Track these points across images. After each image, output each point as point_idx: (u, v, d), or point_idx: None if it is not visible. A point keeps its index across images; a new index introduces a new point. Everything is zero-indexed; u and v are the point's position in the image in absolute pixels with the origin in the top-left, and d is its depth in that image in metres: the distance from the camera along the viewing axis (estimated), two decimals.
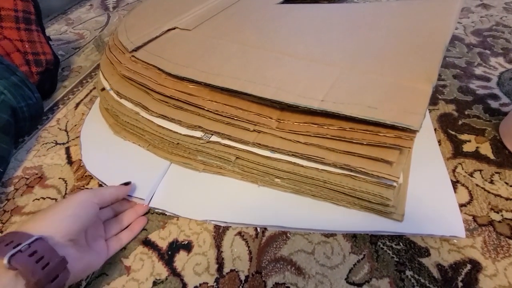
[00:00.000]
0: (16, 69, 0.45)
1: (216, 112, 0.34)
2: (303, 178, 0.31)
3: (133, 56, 0.41)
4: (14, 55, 0.48)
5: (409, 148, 0.27)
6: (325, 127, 0.30)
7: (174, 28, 0.45)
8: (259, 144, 0.32)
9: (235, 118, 0.33)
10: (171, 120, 0.36)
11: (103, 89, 0.43)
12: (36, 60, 0.50)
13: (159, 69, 0.38)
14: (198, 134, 0.35)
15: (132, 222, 0.33)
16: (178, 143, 0.36)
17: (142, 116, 0.38)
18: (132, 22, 0.49)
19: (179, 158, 0.37)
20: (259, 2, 0.53)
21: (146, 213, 0.34)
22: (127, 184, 0.33)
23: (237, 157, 0.34)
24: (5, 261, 0.20)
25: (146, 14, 0.53)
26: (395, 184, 0.27)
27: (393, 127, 0.27)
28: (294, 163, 0.31)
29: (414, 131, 0.26)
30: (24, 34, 0.50)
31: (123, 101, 0.40)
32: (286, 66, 0.35)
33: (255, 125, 0.33)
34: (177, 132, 0.36)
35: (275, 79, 0.33)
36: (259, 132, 0.33)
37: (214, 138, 0.34)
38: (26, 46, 0.50)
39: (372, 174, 0.27)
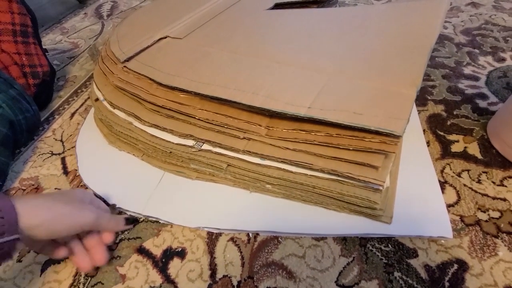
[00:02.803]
0: (14, 82, 0.45)
1: (207, 121, 0.35)
2: (293, 184, 0.32)
3: (125, 66, 0.41)
4: (11, 68, 0.49)
5: (393, 152, 0.27)
6: (313, 133, 0.30)
7: (165, 37, 0.46)
8: (249, 151, 0.32)
9: (226, 126, 0.34)
10: (163, 129, 0.37)
11: (97, 99, 0.44)
12: (33, 73, 0.51)
13: (150, 79, 0.38)
14: (190, 142, 0.36)
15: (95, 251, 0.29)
16: (171, 152, 0.36)
17: (135, 126, 0.39)
18: (124, 32, 0.50)
19: (173, 167, 0.38)
20: (249, 8, 0.54)
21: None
22: (129, 223, 0.32)
23: (228, 165, 0.34)
24: None
25: (138, 23, 0.53)
26: (381, 188, 0.28)
27: (377, 133, 0.27)
28: (284, 170, 0.32)
29: (398, 136, 0.27)
30: (22, 47, 0.50)
31: (116, 111, 0.41)
32: (275, 73, 0.36)
33: (245, 132, 0.33)
34: (169, 141, 0.36)
35: (264, 87, 0.33)
36: (249, 140, 0.33)
37: (205, 147, 0.35)
38: (24, 59, 0.50)
39: (358, 179, 0.28)
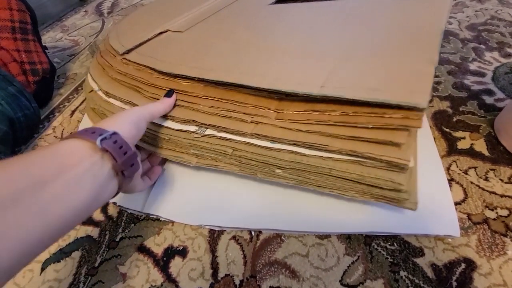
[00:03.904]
0: (13, 79, 0.45)
1: (211, 108, 0.33)
2: (307, 167, 0.29)
3: (124, 58, 0.40)
4: (11, 65, 0.48)
5: (419, 127, 0.25)
6: (327, 113, 0.28)
7: (166, 31, 0.45)
8: (258, 134, 0.30)
9: (232, 112, 0.32)
10: (164, 115, 0.34)
11: (91, 91, 0.43)
12: (32, 70, 0.50)
13: (151, 68, 0.37)
14: (192, 128, 0.33)
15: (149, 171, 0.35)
16: (169, 139, 0.34)
17: None
18: (124, 29, 0.49)
19: (170, 152, 0.35)
20: (252, 4, 0.53)
21: (143, 218, 0.34)
22: (170, 95, 0.34)
23: (234, 150, 0.32)
24: (98, 142, 0.22)
25: (139, 21, 0.52)
26: (406, 167, 0.26)
27: (398, 107, 0.25)
28: (296, 153, 0.29)
29: (421, 110, 0.25)
30: (21, 44, 0.50)
31: (111, 99, 0.39)
32: (280, 61, 0.34)
33: (253, 117, 0.31)
34: (168, 127, 0.34)
35: (271, 71, 0.32)
36: (257, 123, 0.31)
37: (209, 131, 0.33)
38: (23, 56, 0.50)
39: (380, 159, 0.26)
